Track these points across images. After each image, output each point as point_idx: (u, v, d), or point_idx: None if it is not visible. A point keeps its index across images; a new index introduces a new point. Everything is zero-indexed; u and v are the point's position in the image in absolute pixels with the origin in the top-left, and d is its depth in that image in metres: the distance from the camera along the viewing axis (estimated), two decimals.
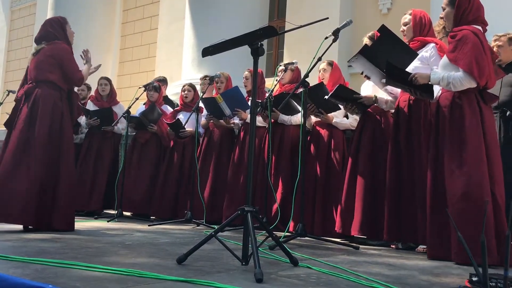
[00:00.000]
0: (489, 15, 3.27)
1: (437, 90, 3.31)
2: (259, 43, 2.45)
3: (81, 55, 4.16)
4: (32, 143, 3.71)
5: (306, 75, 3.60)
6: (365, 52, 3.51)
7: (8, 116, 3.99)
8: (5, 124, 3.93)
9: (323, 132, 4.41)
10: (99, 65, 4.39)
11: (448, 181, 3.04)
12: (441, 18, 3.34)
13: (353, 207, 3.89)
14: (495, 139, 3.15)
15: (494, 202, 2.96)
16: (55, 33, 3.96)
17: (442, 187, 3.10)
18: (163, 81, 6.54)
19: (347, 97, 3.90)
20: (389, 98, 3.90)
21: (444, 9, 3.26)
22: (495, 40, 4.16)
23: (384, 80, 3.45)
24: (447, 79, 3.10)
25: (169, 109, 5.86)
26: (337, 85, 3.90)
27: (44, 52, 3.89)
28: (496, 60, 4.10)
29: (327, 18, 2.79)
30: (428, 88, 3.28)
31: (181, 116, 5.43)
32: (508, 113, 3.98)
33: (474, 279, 2.10)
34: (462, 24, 3.14)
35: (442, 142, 3.14)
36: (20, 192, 3.58)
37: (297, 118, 4.55)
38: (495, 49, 4.14)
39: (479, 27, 3.14)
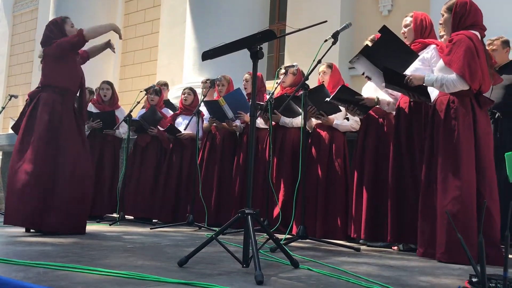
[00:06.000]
0: (486, 19, 3.32)
1: (435, 94, 3.35)
2: (258, 47, 2.47)
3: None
4: (29, 146, 3.75)
5: (306, 78, 3.62)
6: (366, 52, 3.52)
7: (14, 120, 4.08)
8: (12, 128, 4.00)
9: (324, 134, 4.42)
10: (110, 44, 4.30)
11: (441, 184, 3.11)
12: (440, 24, 3.40)
13: (361, 211, 3.91)
14: (489, 143, 3.20)
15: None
16: (53, 36, 3.99)
17: (433, 190, 3.17)
18: (164, 85, 6.57)
19: (349, 99, 3.91)
20: (391, 99, 3.91)
21: (442, 16, 3.33)
22: (489, 45, 4.25)
23: (383, 84, 3.49)
24: (441, 80, 3.18)
25: (170, 113, 5.89)
26: (340, 86, 3.91)
27: (45, 57, 3.97)
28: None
29: (326, 21, 2.80)
30: (424, 91, 3.32)
31: (180, 120, 5.45)
32: (497, 115, 4.04)
33: (474, 280, 2.11)
34: (459, 29, 3.22)
35: (436, 146, 3.20)
36: (19, 192, 3.66)
37: (299, 121, 4.56)
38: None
39: (476, 32, 3.21)
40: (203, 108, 5.10)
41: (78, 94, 4.09)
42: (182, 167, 5.41)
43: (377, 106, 3.95)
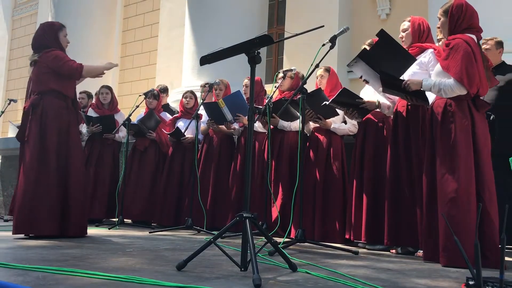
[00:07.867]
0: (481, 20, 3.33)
1: (432, 97, 3.36)
2: (256, 51, 2.48)
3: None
4: (46, 155, 3.80)
5: (304, 82, 3.64)
6: (364, 56, 3.54)
7: (16, 127, 4.06)
8: (17, 137, 4.00)
9: (322, 138, 4.43)
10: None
11: (439, 186, 3.12)
12: (438, 28, 3.41)
13: (361, 214, 3.92)
14: (487, 146, 3.20)
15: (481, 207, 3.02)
16: (47, 39, 4.00)
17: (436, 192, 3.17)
18: (164, 89, 6.58)
19: (349, 102, 3.92)
20: (390, 103, 3.93)
21: (439, 19, 3.34)
22: (482, 44, 4.22)
23: (381, 89, 3.51)
24: (439, 85, 3.18)
25: (168, 116, 5.90)
26: (341, 89, 3.92)
27: (40, 64, 3.95)
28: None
29: (323, 26, 2.82)
30: (422, 94, 3.33)
31: (181, 123, 5.47)
32: (492, 117, 4.03)
33: (471, 282, 2.12)
34: (456, 32, 3.23)
35: (436, 148, 3.20)
36: (44, 204, 3.72)
37: (297, 124, 4.57)
38: None
39: (473, 36, 3.22)
40: (202, 112, 5.11)
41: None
42: (182, 171, 5.42)
43: (378, 110, 3.96)
